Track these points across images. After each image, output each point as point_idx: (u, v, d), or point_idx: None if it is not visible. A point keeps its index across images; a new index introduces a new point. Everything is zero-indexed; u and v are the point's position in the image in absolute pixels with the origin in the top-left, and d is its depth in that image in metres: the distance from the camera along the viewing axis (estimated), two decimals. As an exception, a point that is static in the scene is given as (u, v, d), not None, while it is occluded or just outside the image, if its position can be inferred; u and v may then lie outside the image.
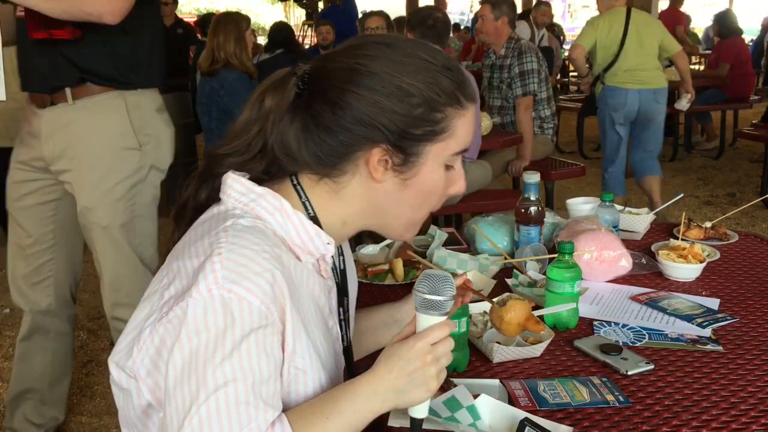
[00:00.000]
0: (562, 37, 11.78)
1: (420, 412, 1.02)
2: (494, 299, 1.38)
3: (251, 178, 1.06)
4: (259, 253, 0.95)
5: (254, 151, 1.06)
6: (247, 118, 1.07)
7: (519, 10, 8.48)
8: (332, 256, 1.11)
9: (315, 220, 1.06)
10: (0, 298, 4.07)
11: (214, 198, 1.08)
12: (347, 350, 1.18)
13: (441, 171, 1.06)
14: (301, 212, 1.05)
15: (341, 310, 1.15)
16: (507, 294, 1.41)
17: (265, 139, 1.05)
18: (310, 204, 1.07)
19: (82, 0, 1.89)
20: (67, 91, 2.07)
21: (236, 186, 1.04)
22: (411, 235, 1.13)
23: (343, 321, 1.16)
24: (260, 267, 0.94)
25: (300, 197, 1.06)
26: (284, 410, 0.96)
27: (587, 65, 4.99)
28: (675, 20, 9.04)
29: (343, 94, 1.01)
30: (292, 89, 1.04)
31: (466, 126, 1.06)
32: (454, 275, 1.19)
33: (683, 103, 5.28)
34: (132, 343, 1.01)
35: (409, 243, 2.04)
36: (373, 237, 1.97)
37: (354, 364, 1.20)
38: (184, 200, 1.12)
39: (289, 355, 0.98)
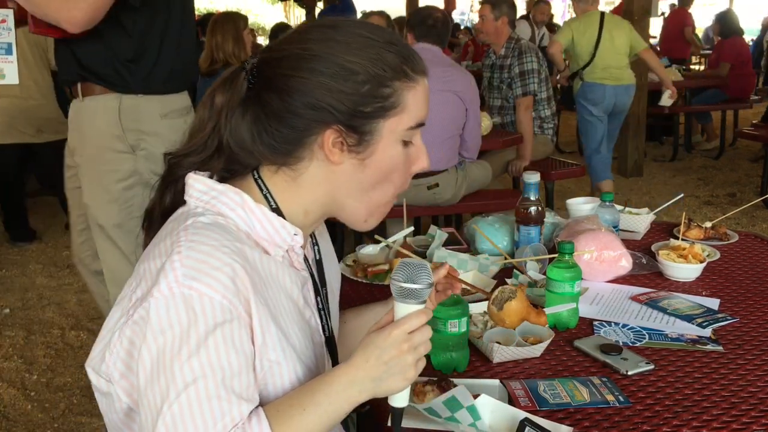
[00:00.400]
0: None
1: (400, 401, 1.01)
2: (492, 291, 1.37)
3: (214, 177, 1.07)
4: (218, 248, 0.95)
5: (211, 149, 1.06)
6: (201, 116, 1.08)
7: (523, 11, 8.52)
8: (302, 247, 1.10)
9: (278, 211, 1.06)
10: (0, 298, 4.07)
11: (180, 201, 1.08)
12: (329, 341, 1.17)
13: (398, 147, 1.05)
14: (264, 205, 1.05)
15: (319, 300, 1.14)
16: (504, 286, 1.41)
17: (220, 136, 1.05)
18: (272, 196, 1.07)
19: (47, 4, 1.88)
20: (78, 86, 2.11)
21: (197, 185, 1.05)
22: (374, 222, 1.11)
23: (322, 311, 1.15)
24: (219, 262, 0.94)
25: (261, 190, 1.07)
26: (263, 403, 0.96)
27: (565, 61, 5.52)
28: (682, 21, 9.02)
29: (288, 80, 1.01)
30: (243, 84, 1.05)
31: (417, 99, 1.05)
32: (438, 265, 1.20)
33: (665, 99, 5.61)
34: (105, 347, 1.02)
35: (409, 243, 2.04)
36: (373, 237, 1.96)
37: (337, 355, 1.19)
38: (150, 208, 1.12)
39: (259, 347, 0.97)
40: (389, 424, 1.04)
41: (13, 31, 1.91)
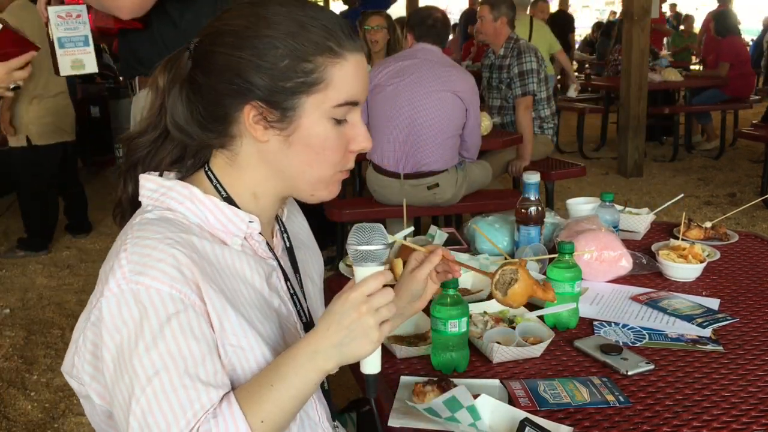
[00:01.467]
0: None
1: (370, 367, 1.00)
2: (495, 274, 1.31)
3: (173, 176, 1.09)
4: (161, 240, 0.96)
5: (159, 129, 1.08)
6: (152, 98, 1.09)
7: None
8: (263, 234, 1.10)
9: (229, 200, 1.06)
10: (0, 298, 4.07)
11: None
12: (308, 326, 1.15)
13: (327, 124, 1.02)
14: (215, 196, 1.06)
15: (289, 286, 1.13)
16: (504, 267, 1.31)
17: (165, 117, 1.07)
18: (222, 186, 1.07)
19: None
20: (136, 80, 2.16)
21: (148, 185, 1.06)
22: (324, 195, 1.09)
23: (294, 296, 1.14)
24: (163, 254, 0.95)
25: (212, 181, 1.07)
26: (235, 387, 0.96)
27: None
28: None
29: (210, 56, 1.01)
30: (188, 63, 1.05)
31: (346, 75, 1.01)
32: (432, 249, 1.23)
33: (571, 91, 7.24)
34: (74, 351, 1.03)
35: (409, 243, 2.04)
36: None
37: None
38: (118, 198, 1.13)
39: (219, 333, 0.97)
40: (367, 394, 1.02)
41: (87, 24, 2.06)
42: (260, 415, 0.92)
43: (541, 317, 1.52)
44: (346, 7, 8.67)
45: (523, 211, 1.87)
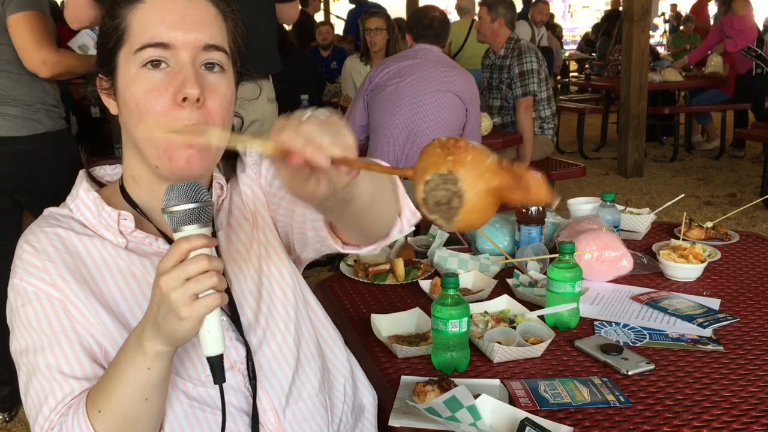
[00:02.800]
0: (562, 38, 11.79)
1: (206, 348, 0.89)
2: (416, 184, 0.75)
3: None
4: (28, 237, 1.03)
5: None
6: None
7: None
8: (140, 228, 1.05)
9: (122, 189, 1.07)
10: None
11: None
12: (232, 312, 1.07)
13: (136, 73, 0.97)
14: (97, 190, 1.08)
15: None
16: (432, 174, 0.73)
17: None
18: (123, 176, 1.08)
19: None
20: None
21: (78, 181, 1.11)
22: (169, 165, 0.98)
23: None
24: (19, 249, 1.03)
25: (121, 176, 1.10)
26: None
27: None
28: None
29: None
30: None
31: (144, 18, 0.98)
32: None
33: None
34: None
35: (410, 243, 2.04)
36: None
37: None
38: None
39: (84, 327, 0.99)
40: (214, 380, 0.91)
41: None
42: (97, 405, 0.91)
43: (541, 317, 1.52)
44: (353, 6, 8.70)
45: (523, 210, 1.87)
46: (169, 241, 1.05)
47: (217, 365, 0.90)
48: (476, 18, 5.42)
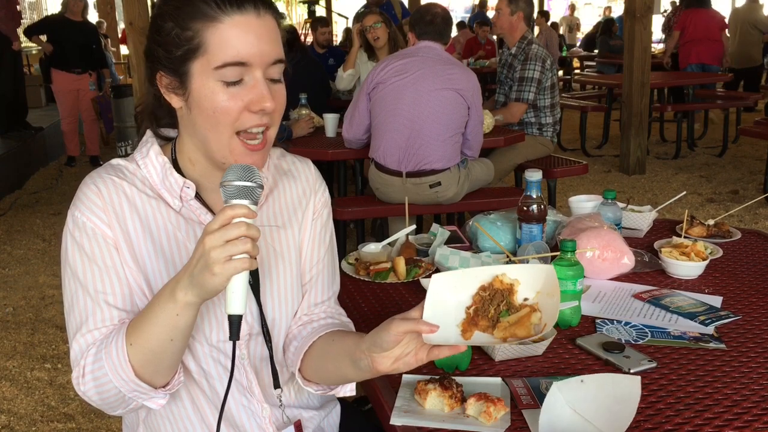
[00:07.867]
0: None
1: (230, 306, 1.00)
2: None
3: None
4: (95, 180, 1.16)
5: (151, 95, 1.20)
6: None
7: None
8: (199, 199, 1.20)
9: (175, 163, 1.21)
10: (3, 297, 4.08)
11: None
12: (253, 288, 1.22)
13: (214, 86, 1.08)
14: (168, 158, 1.20)
15: None
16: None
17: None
18: (175, 151, 1.22)
19: None
20: None
21: (143, 137, 1.24)
22: (231, 160, 1.12)
23: None
24: (85, 187, 1.16)
25: (173, 145, 1.22)
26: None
27: None
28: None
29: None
30: None
31: (222, 36, 1.07)
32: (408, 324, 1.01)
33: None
34: None
35: (411, 241, 2.04)
36: (375, 235, 1.97)
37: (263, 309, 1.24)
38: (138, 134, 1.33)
39: (131, 268, 1.15)
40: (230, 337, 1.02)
41: None
42: (131, 339, 1.06)
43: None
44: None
45: (525, 208, 1.87)
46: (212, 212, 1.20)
47: (235, 323, 1.01)
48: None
